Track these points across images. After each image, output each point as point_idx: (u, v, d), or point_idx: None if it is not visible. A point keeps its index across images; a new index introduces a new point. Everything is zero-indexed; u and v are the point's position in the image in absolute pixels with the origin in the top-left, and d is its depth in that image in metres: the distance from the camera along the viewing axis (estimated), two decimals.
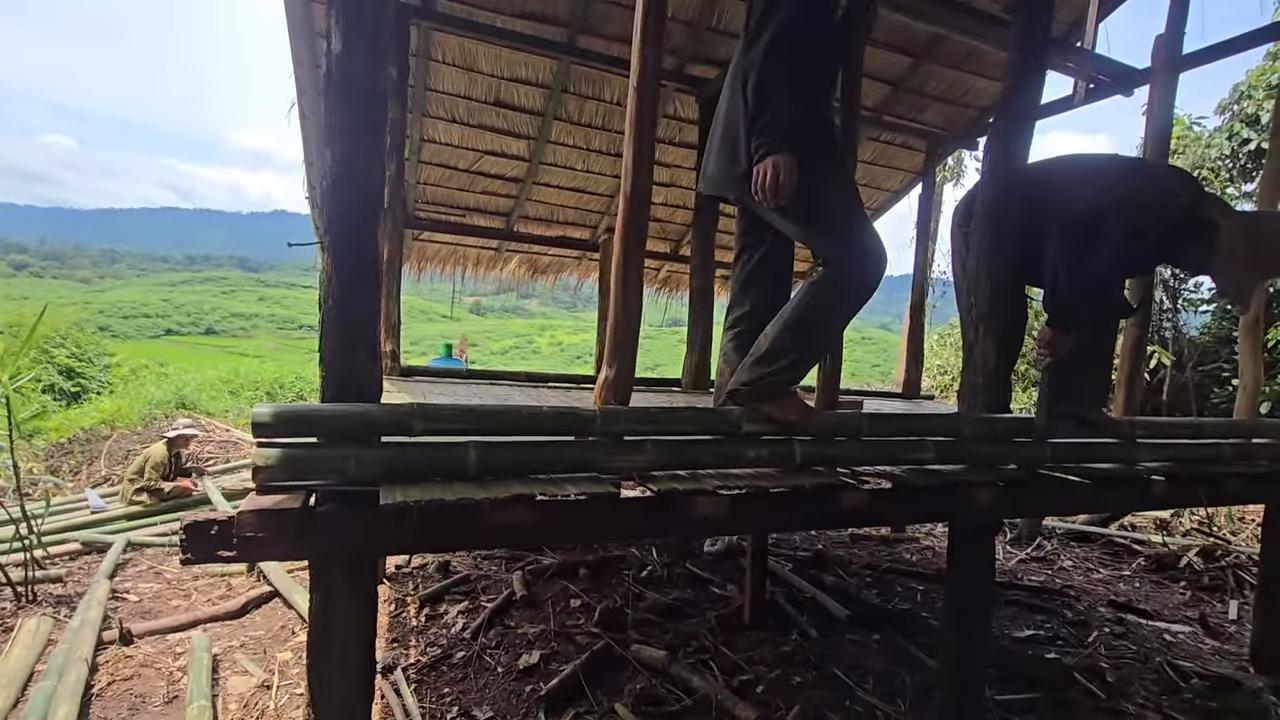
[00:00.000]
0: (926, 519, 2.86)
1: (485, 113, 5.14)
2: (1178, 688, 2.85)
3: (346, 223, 1.36)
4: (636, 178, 1.68)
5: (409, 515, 1.32)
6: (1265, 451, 2.61)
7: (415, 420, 1.40)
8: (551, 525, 1.56)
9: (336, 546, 1.30)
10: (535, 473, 1.53)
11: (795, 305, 1.73)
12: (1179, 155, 8.87)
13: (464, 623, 3.31)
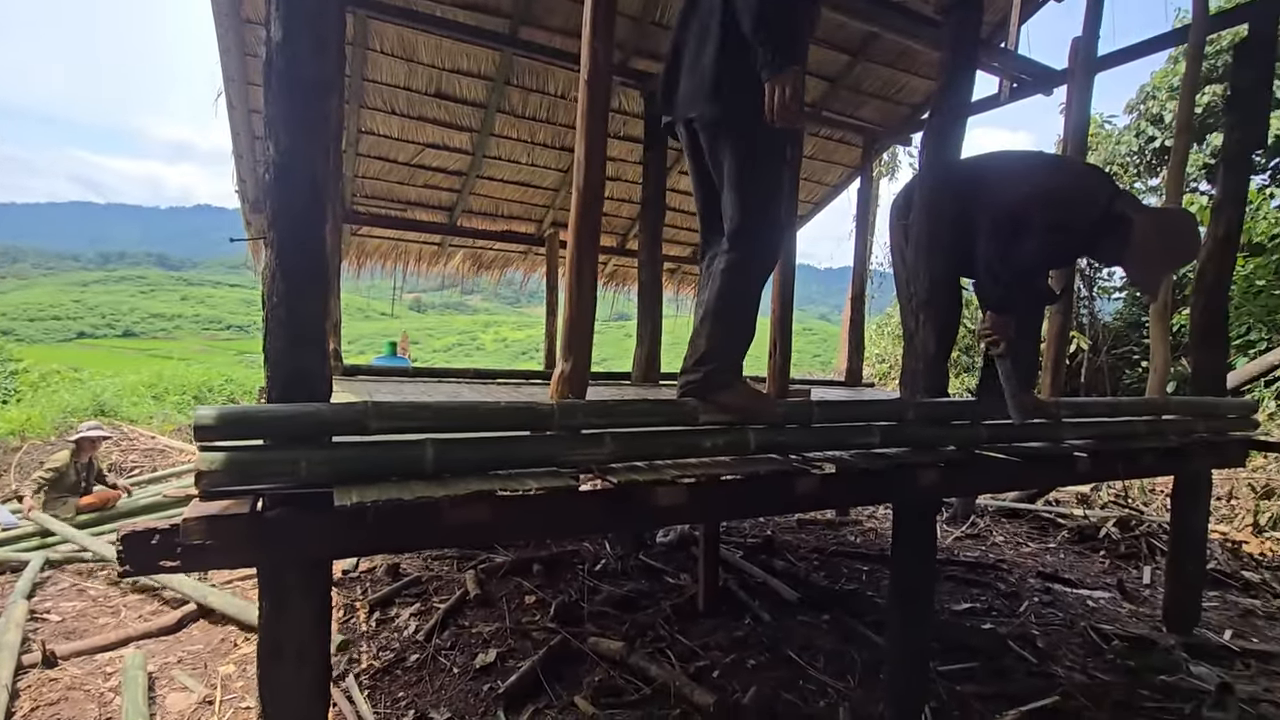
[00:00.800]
0: (875, 500, 2.97)
1: (426, 104, 5.01)
2: (1100, 649, 3.07)
3: (291, 217, 1.31)
4: (589, 172, 1.68)
5: (366, 516, 1.29)
6: (1174, 427, 2.82)
7: (370, 419, 1.36)
8: (512, 521, 1.56)
9: (289, 551, 1.26)
10: (494, 469, 1.52)
11: (715, 297, 1.77)
12: (1093, 152, 9.44)
13: (416, 625, 3.24)
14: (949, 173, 2.28)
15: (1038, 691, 2.64)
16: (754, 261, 1.76)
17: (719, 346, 1.76)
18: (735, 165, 1.76)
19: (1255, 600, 3.81)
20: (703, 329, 1.79)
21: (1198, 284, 3.15)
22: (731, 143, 1.77)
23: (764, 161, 1.79)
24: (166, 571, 1.19)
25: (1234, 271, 7.55)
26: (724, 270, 1.77)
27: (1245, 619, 3.55)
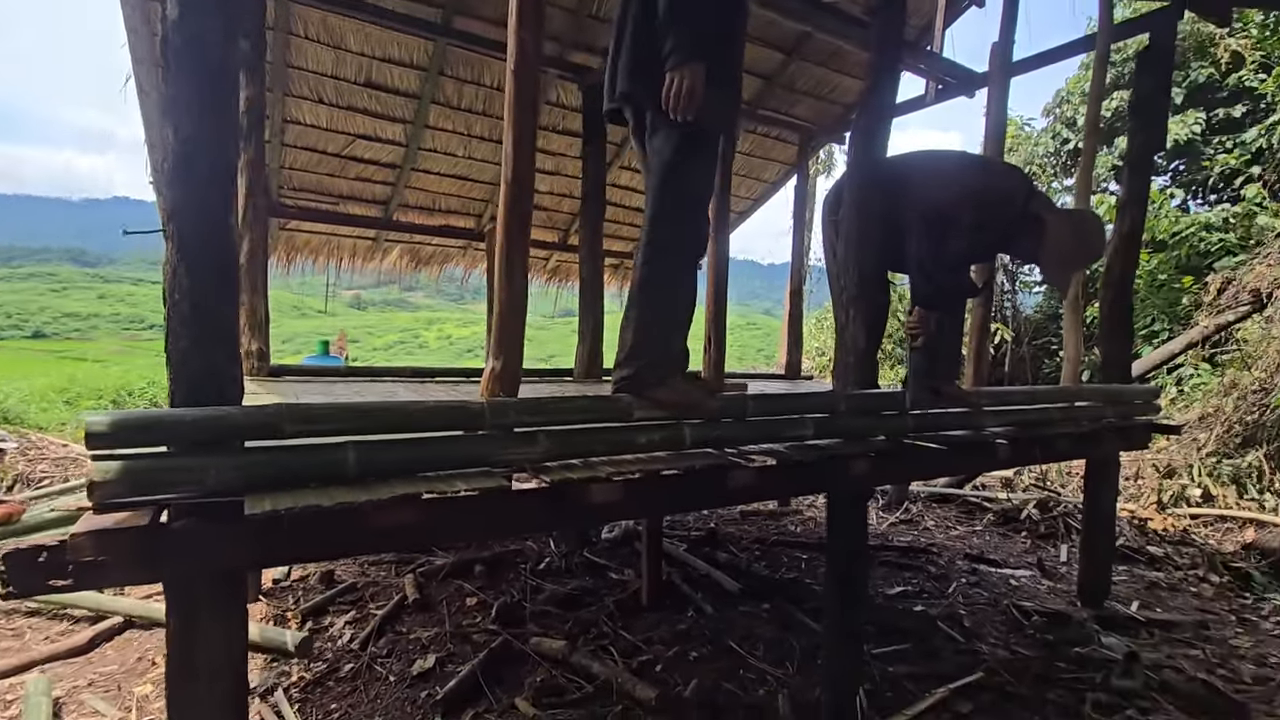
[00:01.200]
0: (808, 491, 3.06)
1: (356, 94, 4.83)
2: (1021, 626, 3.23)
3: (195, 208, 1.23)
4: (518, 164, 1.65)
5: (281, 525, 1.23)
6: (1085, 413, 2.99)
7: (285, 421, 1.30)
8: (443, 524, 1.52)
9: (196, 564, 1.19)
10: (422, 471, 1.47)
11: (638, 288, 1.77)
12: (1013, 153, 9.91)
13: (352, 633, 3.14)
14: (877, 170, 2.34)
15: (964, 669, 2.76)
16: (677, 250, 1.76)
17: (648, 340, 1.76)
18: (666, 152, 1.76)
19: (1159, 573, 4.10)
20: (629, 322, 1.79)
21: (1105, 279, 3.35)
22: (664, 128, 1.77)
23: (694, 150, 1.79)
24: (57, 592, 1.10)
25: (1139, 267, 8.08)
26: (646, 261, 1.76)
27: (1150, 590, 3.81)
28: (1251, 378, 5.45)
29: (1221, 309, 6.35)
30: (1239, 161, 8.00)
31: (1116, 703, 2.50)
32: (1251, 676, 2.74)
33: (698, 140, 1.80)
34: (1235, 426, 5.39)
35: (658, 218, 1.75)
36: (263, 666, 2.83)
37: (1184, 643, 3.09)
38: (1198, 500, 4.96)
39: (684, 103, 1.71)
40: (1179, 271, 7.63)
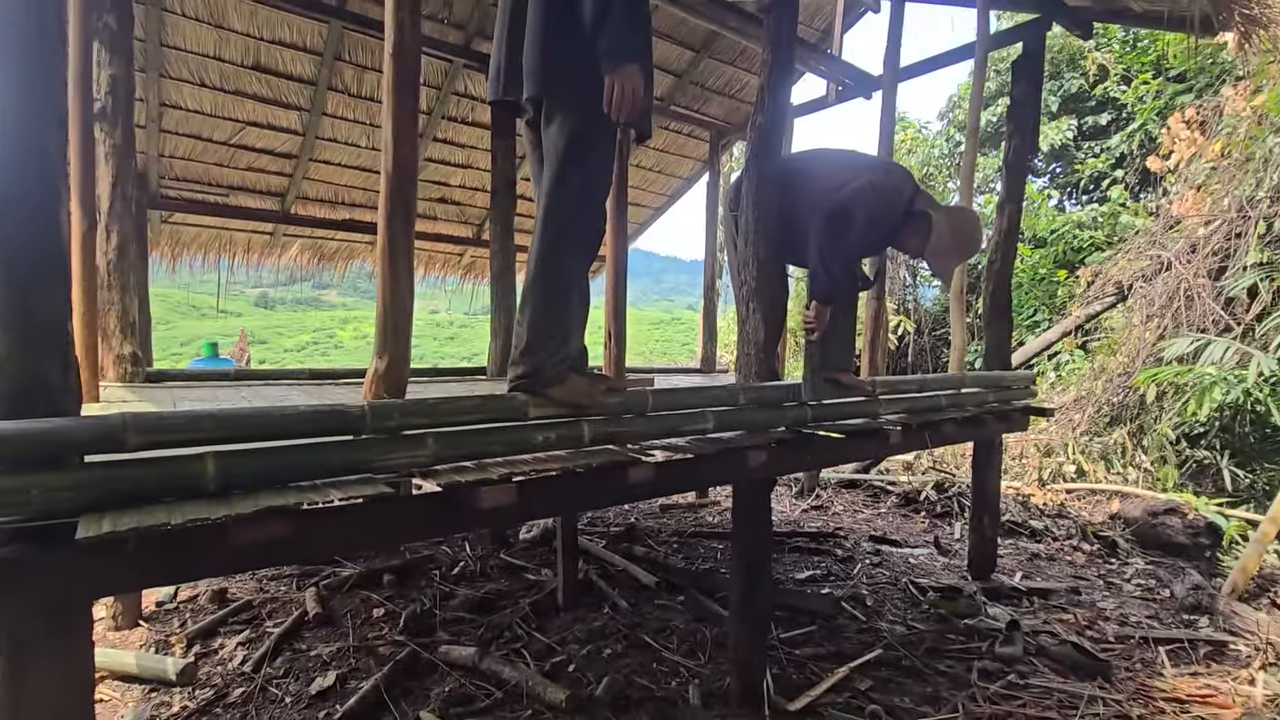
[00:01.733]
0: (711, 483, 3.11)
1: (244, 78, 4.52)
2: (918, 601, 3.41)
3: (14, 199, 1.10)
4: (399, 153, 1.57)
5: (126, 547, 1.12)
6: (970, 399, 3.19)
7: (129, 433, 1.18)
8: (321, 536, 1.43)
9: (19, 599, 1.06)
10: (295, 481, 1.38)
11: (530, 283, 1.74)
12: (911, 155, 10.46)
13: (244, 655, 2.94)
14: (775, 167, 2.40)
15: (865, 646, 2.89)
16: (573, 245, 1.74)
17: (543, 337, 1.73)
18: (563, 143, 1.72)
19: (1040, 544, 4.44)
20: (523, 319, 1.74)
21: (987, 272, 3.57)
22: (561, 118, 1.74)
23: (594, 142, 1.77)
24: None
25: (1020, 261, 8.70)
26: (540, 256, 1.73)
27: (1032, 561, 4.12)
28: (1116, 362, 5.98)
29: (1090, 300, 6.96)
30: (1105, 165, 8.77)
31: (1000, 669, 2.67)
32: (1114, 635, 3.01)
33: (597, 131, 1.78)
34: (1104, 407, 5.91)
35: (553, 211, 1.72)
36: (140, 698, 2.60)
37: (1059, 608, 3.36)
38: (1072, 476, 5.40)
39: (628, 107, 1.70)
40: (1056, 266, 8.28)
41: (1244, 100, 5.70)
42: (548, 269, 1.72)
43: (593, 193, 1.75)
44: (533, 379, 1.75)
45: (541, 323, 1.73)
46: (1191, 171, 6.24)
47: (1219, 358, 4.72)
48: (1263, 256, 5.02)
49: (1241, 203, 5.35)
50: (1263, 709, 2.38)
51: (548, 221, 1.72)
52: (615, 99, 1.68)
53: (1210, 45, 6.89)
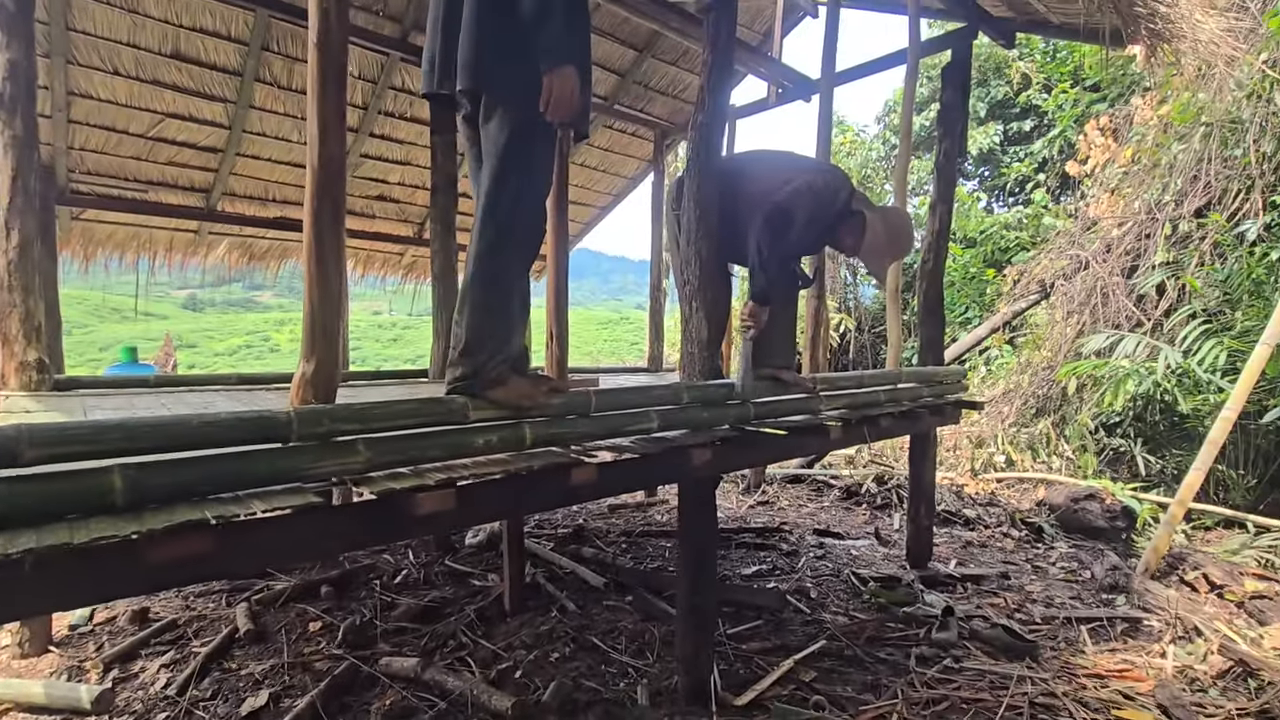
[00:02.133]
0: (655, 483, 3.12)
1: (162, 67, 4.27)
2: (859, 592, 3.51)
3: None
4: (325, 148, 1.51)
5: (21, 570, 1.03)
6: (906, 394, 3.30)
7: (24, 446, 1.09)
8: (246, 550, 1.36)
9: None
10: (216, 493, 1.31)
11: (469, 282, 1.71)
12: (850, 157, 10.76)
13: (168, 678, 2.78)
14: (716, 166, 2.42)
15: (809, 638, 2.95)
16: (513, 244, 1.71)
17: (482, 338, 1.69)
18: (502, 140, 1.69)
19: (973, 532, 4.63)
20: (461, 320, 1.70)
21: (920, 271, 3.70)
22: (500, 115, 1.70)
23: (534, 140, 1.74)
24: None
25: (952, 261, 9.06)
26: (479, 255, 1.69)
27: (966, 549, 4.29)
28: (1041, 357, 6.30)
29: (1016, 298, 7.32)
30: (1029, 169, 9.23)
31: (936, 654, 2.77)
32: (1041, 617, 3.16)
33: (536, 129, 1.75)
34: (1030, 400, 6.22)
35: (492, 210, 1.68)
36: None
37: (990, 593, 3.51)
38: (1002, 466, 5.67)
39: (564, 108, 1.68)
40: (986, 265, 8.67)
41: (1151, 109, 6.10)
42: (487, 269, 1.68)
43: (533, 191, 1.72)
44: (472, 381, 1.71)
45: (481, 323, 1.69)
46: (1106, 176, 6.64)
47: (1131, 351, 5.03)
48: (1169, 256, 5.38)
49: (1150, 205, 5.72)
50: (1173, 679, 2.54)
51: (487, 220, 1.68)
52: (552, 99, 1.66)
53: (1122, 57, 7.34)
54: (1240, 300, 4.66)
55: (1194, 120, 5.36)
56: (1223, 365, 4.49)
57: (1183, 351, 4.79)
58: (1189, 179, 5.34)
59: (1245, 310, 4.56)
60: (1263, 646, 2.80)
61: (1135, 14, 2.93)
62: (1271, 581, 3.38)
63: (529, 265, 1.77)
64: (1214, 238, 5.06)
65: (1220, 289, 4.96)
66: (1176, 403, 4.76)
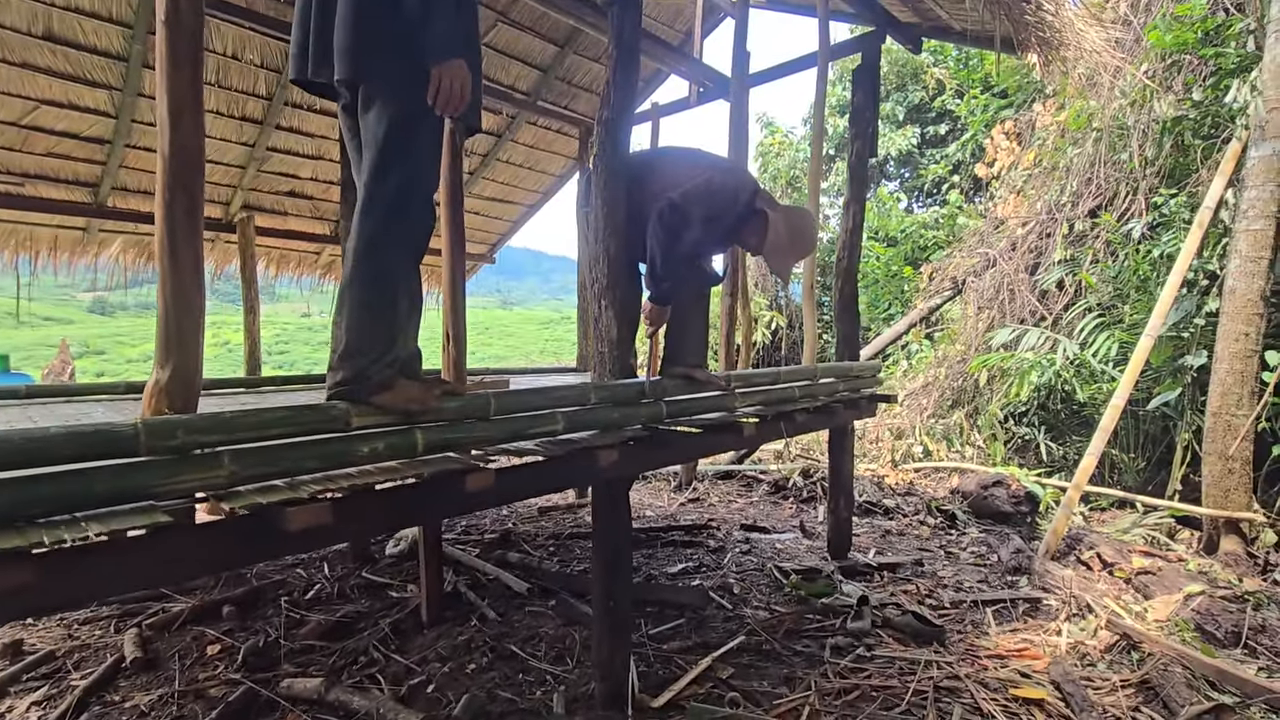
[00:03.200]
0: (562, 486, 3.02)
1: (33, 49, 3.92)
2: (781, 585, 3.56)
3: None
4: (178, 134, 1.39)
5: None
6: (823, 389, 3.36)
7: None
8: (86, 579, 1.23)
9: None
10: (48, 515, 1.18)
11: (348, 280, 1.63)
12: (780, 157, 10.98)
13: (39, 715, 2.54)
14: (623, 163, 2.39)
15: (730, 634, 2.96)
16: (396, 242, 1.62)
17: (366, 339, 1.60)
18: (382, 132, 1.60)
19: (892, 521, 4.78)
20: (341, 320, 1.61)
21: (835, 268, 3.79)
22: (379, 107, 1.61)
23: (417, 131, 1.65)
24: None
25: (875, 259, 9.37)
26: (359, 253, 1.60)
27: (885, 538, 4.43)
28: (955, 351, 6.59)
29: (931, 294, 7.64)
30: (945, 171, 9.65)
31: (850, 644, 2.83)
32: (950, 601, 3.28)
33: (420, 120, 1.67)
34: (946, 392, 6.50)
35: (373, 204, 1.59)
36: None
37: (905, 580, 3.62)
38: (920, 456, 5.89)
39: (455, 102, 1.62)
40: (906, 263, 9.01)
41: (1050, 115, 6.47)
42: (368, 267, 1.59)
43: (417, 185, 1.64)
44: (355, 385, 1.61)
45: (362, 324, 1.59)
46: (1011, 178, 7.01)
47: (1035, 344, 5.32)
48: (1067, 254, 5.72)
49: (1050, 206, 6.07)
50: (1065, 656, 2.68)
51: (366, 215, 1.59)
52: (442, 94, 1.59)
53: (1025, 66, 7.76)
54: (1129, 295, 4.99)
55: (1086, 126, 5.71)
56: (1114, 356, 4.80)
57: (1079, 344, 5.08)
58: (1083, 181, 5.69)
59: (1133, 304, 4.89)
60: (1146, 620, 2.99)
61: (1025, 22, 3.08)
62: (1156, 558, 3.63)
63: (415, 262, 1.69)
64: (1106, 236, 5.40)
65: (1112, 284, 5.29)
66: (1075, 392, 5.06)
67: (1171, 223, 4.68)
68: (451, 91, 1.59)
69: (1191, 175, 4.81)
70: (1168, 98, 4.83)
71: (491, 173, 6.25)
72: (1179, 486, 4.39)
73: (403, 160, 1.60)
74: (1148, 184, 5.05)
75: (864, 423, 6.72)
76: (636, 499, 5.69)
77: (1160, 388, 4.45)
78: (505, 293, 58.31)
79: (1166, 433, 4.81)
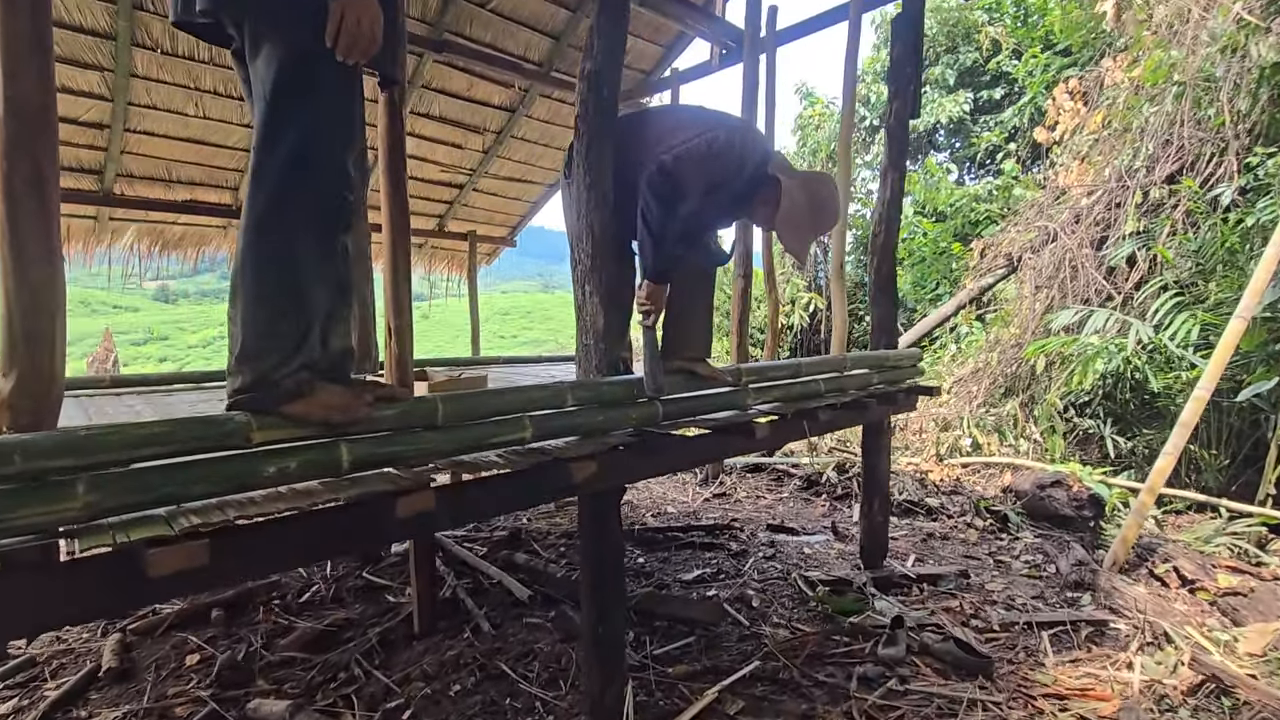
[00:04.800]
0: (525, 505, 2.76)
1: None
2: (806, 599, 3.21)
3: None
4: (15, 86, 1.12)
5: None
6: (853, 382, 2.97)
7: None
8: None
9: None
10: None
11: (240, 268, 1.33)
12: (820, 129, 10.39)
13: None
14: (610, 124, 2.05)
15: (744, 657, 2.65)
16: (293, 212, 1.32)
17: (265, 336, 1.31)
18: (270, 79, 1.30)
19: (935, 523, 4.36)
20: (235, 315, 1.32)
21: (871, 245, 3.37)
22: (267, 51, 1.31)
23: (314, 80, 1.35)
24: None
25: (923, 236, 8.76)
26: (247, 229, 1.31)
27: (926, 543, 4.02)
28: (1010, 334, 6.03)
29: (983, 273, 7.04)
30: (999, 139, 8.92)
31: (881, 674, 2.48)
32: (999, 622, 2.88)
33: (318, 68, 1.35)
34: (999, 379, 5.96)
35: (263, 170, 1.30)
36: None
37: (947, 594, 3.23)
38: (968, 450, 5.40)
39: (362, 43, 1.32)
40: (955, 239, 8.38)
41: (1122, 71, 5.79)
42: (262, 249, 1.30)
43: (319, 146, 1.33)
44: (257, 393, 1.33)
45: (259, 320, 1.31)
46: (1076, 143, 6.34)
47: (1101, 327, 4.76)
48: (1139, 225, 5.10)
49: (1121, 172, 5.43)
50: (1139, 699, 2.27)
51: (257, 185, 1.30)
52: (344, 33, 1.28)
53: (1093, 19, 7.02)
54: (1214, 271, 4.40)
55: (1165, 80, 5.05)
56: (1195, 340, 4.23)
57: (1154, 326, 4.52)
58: (1160, 143, 5.05)
59: (1219, 281, 4.29)
60: (1237, 653, 2.54)
61: None
62: (1245, 575, 3.14)
63: (329, 239, 1.38)
64: (1187, 205, 4.78)
65: (1193, 259, 4.69)
66: (1147, 381, 4.51)
67: (1269, 187, 4.06)
68: (357, 31, 1.27)
69: None
70: (1268, 39, 4.17)
71: (507, 151, 5.96)
72: (1272, 490, 3.84)
73: (298, 114, 1.30)
74: (1240, 143, 4.42)
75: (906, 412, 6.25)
76: (659, 492, 5.40)
77: (1252, 377, 3.89)
78: (547, 276, 58.38)
79: (1256, 427, 4.24)
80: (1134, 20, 5.32)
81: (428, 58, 4.75)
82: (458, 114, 5.47)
